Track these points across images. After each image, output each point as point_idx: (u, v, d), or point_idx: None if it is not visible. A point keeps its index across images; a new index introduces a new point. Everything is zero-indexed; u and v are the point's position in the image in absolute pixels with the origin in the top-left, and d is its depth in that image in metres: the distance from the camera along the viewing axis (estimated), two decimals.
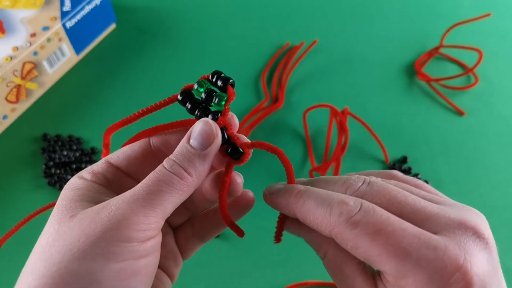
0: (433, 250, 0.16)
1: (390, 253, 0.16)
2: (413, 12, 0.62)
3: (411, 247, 0.16)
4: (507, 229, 0.43)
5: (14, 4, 0.51)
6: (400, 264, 0.16)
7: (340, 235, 0.18)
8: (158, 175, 0.19)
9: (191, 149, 0.20)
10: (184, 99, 0.22)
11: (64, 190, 0.21)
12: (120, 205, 0.18)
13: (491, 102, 0.53)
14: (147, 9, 0.61)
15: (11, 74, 0.46)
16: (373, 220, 0.17)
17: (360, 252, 0.17)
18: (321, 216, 0.19)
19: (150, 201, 0.18)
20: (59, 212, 0.19)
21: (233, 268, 0.40)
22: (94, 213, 0.18)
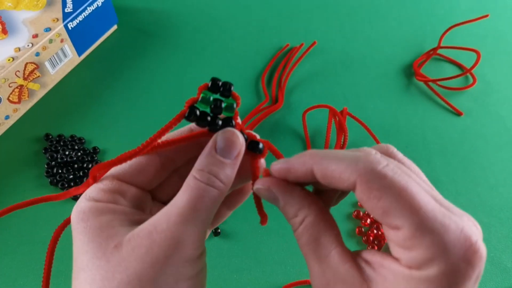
0: (454, 222, 0.16)
1: (414, 210, 0.16)
2: (411, 13, 0.63)
3: (434, 211, 0.16)
4: (504, 228, 0.43)
5: (16, 5, 0.52)
6: (421, 224, 0.16)
7: (366, 183, 0.17)
8: (197, 190, 0.19)
9: (222, 158, 0.20)
10: (193, 116, 0.21)
11: (82, 219, 0.19)
12: (173, 227, 0.18)
13: (488, 103, 0.53)
14: (148, 10, 0.61)
15: (13, 75, 0.47)
16: (402, 178, 0.17)
17: (382, 204, 0.17)
18: (347, 164, 0.18)
19: (198, 219, 0.19)
20: (94, 244, 0.18)
21: (233, 266, 0.40)
22: (145, 239, 0.18)
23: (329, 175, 0.18)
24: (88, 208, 0.20)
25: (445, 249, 0.16)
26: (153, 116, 0.51)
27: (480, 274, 0.16)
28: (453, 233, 0.16)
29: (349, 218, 0.43)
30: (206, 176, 0.20)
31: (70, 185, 0.44)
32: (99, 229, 0.19)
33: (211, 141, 0.21)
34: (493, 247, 0.42)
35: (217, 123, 0.21)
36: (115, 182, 0.21)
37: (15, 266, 0.40)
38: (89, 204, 0.20)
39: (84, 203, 0.20)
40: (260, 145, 0.21)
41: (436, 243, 0.16)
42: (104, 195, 0.20)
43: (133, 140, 0.49)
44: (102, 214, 0.19)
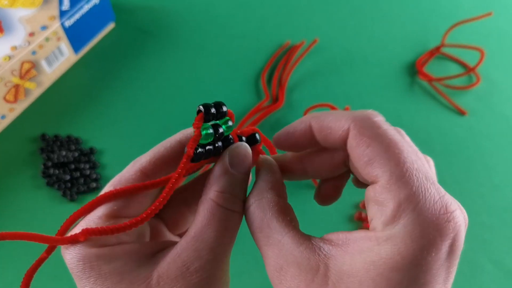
0: (436, 188, 0.16)
1: (398, 161, 0.16)
2: (414, 11, 0.62)
3: (418, 170, 0.16)
4: (508, 229, 0.43)
5: (12, 3, 0.51)
6: (401, 175, 0.15)
7: (359, 128, 0.17)
8: (224, 221, 0.18)
9: (238, 174, 0.20)
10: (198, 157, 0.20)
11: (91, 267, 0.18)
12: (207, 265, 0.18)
13: (492, 102, 0.52)
14: (146, 8, 0.61)
15: (9, 74, 0.46)
16: (395, 133, 0.17)
17: (369, 151, 0.17)
18: (343, 114, 0.18)
19: (228, 249, 0.19)
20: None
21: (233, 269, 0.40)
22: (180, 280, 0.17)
23: (325, 125, 0.19)
24: (94, 254, 0.18)
25: (416, 208, 0.15)
26: (151, 116, 0.50)
27: (455, 250, 0.15)
28: (429, 195, 0.15)
29: (351, 220, 0.43)
30: (230, 200, 0.19)
31: (67, 186, 0.44)
32: (119, 275, 0.17)
33: (223, 158, 0.20)
34: (496, 249, 0.41)
35: (220, 147, 0.21)
36: (112, 222, 0.19)
37: (10, 268, 0.39)
38: (92, 250, 0.18)
39: (85, 250, 0.18)
40: (257, 136, 0.22)
41: (409, 200, 0.15)
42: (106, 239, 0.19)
43: (131, 140, 0.48)
44: (113, 259, 0.17)
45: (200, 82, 0.53)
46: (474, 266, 0.40)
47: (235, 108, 0.51)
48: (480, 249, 0.41)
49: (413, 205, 0.15)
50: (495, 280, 0.40)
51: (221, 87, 0.53)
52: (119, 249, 0.18)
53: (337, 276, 0.15)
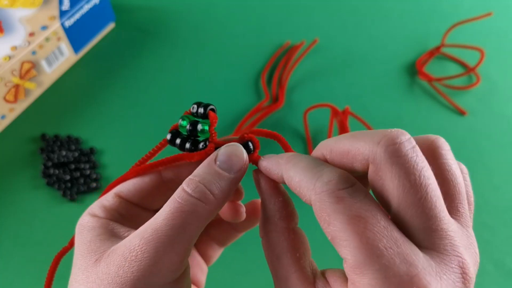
0: (407, 266, 0.14)
1: (360, 244, 0.14)
2: (414, 11, 0.62)
3: (385, 250, 0.14)
4: (508, 230, 0.43)
5: (12, 3, 0.51)
6: (365, 260, 0.14)
7: (320, 203, 0.16)
8: (180, 204, 0.18)
9: (220, 170, 0.19)
10: (173, 138, 0.22)
11: (79, 232, 0.20)
12: (145, 247, 0.17)
13: (493, 102, 0.52)
14: (146, 8, 0.61)
15: (9, 74, 0.46)
16: (359, 205, 0.15)
17: (331, 230, 0.15)
18: (307, 179, 0.17)
19: (176, 238, 0.17)
20: (82, 257, 0.19)
21: (236, 268, 0.40)
22: (119, 256, 0.17)
23: (293, 186, 0.17)
24: (85, 222, 0.20)
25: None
26: (151, 116, 0.50)
27: None
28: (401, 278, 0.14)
29: None
30: (195, 186, 0.18)
31: (67, 185, 0.44)
32: (88, 242, 0.19)
33: (214, 153, 0.20)
34: (497, 249, 0.41)
35: (197, 144, 0.21)
36: (118, 200, 0.21)
37: (10, 268, 0.39)
38: (86, 218, 0.20)
39: (84, 217, 0.21)
40: (250, 145, 0.21)
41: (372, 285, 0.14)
42: (103, 212, 0.21)
43: (131, 140, 0.48)
44: (94, 228, 0.20)
45: (200, 82, 0.53)
46: None
47: (235, 108, 0.51)
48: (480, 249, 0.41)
49: None
50: (496, 280, 0.40)
51: (221, 87, 0.53)
52: (104, 222, 0.20)
53: None
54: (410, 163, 0.15)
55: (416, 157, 0.16)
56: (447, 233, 0.15)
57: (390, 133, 0.16)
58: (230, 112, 0.50)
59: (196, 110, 0.21)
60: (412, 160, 0.16)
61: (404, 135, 0.16)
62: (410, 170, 0.15)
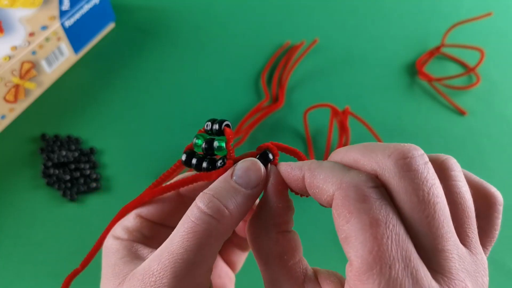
0: (413, 282, 0.14)
1: (372, 249, 0.14)
2: (414, 11, 0.62)
3: (399, 262, 0.14)
4: (508, 230, 0.43)
5: (12, 3, 0.51)
6: (375, 267, 0.14)
7: (343, 199, 0.15)
8: (193, 223, 0.17)
9: (236, 185, 0.18)
10: (188, 159, 0.21)
11: (105, 254, 0.21)
12: (163, 272, 0.16)
13: (493, 102, 0.52)
14: (146, 8, 0.61)
15: (9, 74, 0.46)
16: (383, 209, 0.15)
17: (348, 228, 0.15)
18: (333, 175, 0.16)
19: (192, 260, 0.16)
20: (107, 280, 0.19)
21: None
22: (139, 281, 0.17)
23: (314, 183, 0.17)
24: (109, 244, 0.21)
25: None
26: (151, 116, 0.50)
27: None
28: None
29: None
30: (208, 200, 0.17)
31: (67, 186, 0.44)
32: (113, 265, 0.19)
33: (230, 169, 0.19)
34: (497, 249, 0.41)
35: (214, 163, 0.20)
36: (139, 220, 0.21)
37: (10, 268, 0.39)
38: (110, 241, 0.21)
39: (108, 240, 0.21)
40: (269, 155, 0.20)
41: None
42: (125, 233, 0.21)
43: (131, 140, 0.48)
44: (118, 251, 0.20)
45: (200, 82, 0.53)
46: None
47: (235, 108, 0.51)
48: None
49: None
50: (496, 280, 0.40)
51: (221, 87, 0.53)
52: (127, 243, 0.20)
53: None
54: (419, 179, 0.15)
55: (427, 173, 0.15)
56: (452, 255, 0.15)
57: (402, 147, 0.16)
58: (230, 112, 0.50)
59: (211, 127, 0.21)
60: (422, 176, 0.15)
61: (417, 150, 0.16)
62: (419, 185, 0.15)
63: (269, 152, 0.20)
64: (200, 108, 0.51)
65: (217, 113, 0.50)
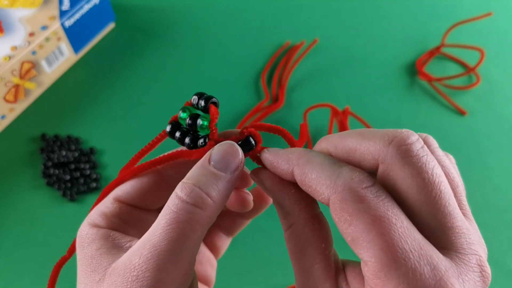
0: (431, 269, 0.14)
1: (386, 246, 0.14)
2: (414, 11, 0.62)
3: (411, 253, 0.14)
4: (509, 230, 0.43)
5: (12, 3, 0.51)
6: (390, 264, 0.14)
7: (340, 202, 0.15)
8: (175, 213, 0.16)
9: (215, 171, 0.17)
10: (172, 130, 0.20)
11: (79, 245, 0.19)
12: (145, 265, 0.16)
13: (493, 102, 0.52)
14: (146, 8, 0.61)
15: (9, 74, 0.46)
16: (382, 205, 0.15)
17: (352, 230, 0.15)
18: (326, 176, 0.16)
19: (176, 252, 0.16)
20: (85, 274, 0.18)
21: (234, 268, 0.40)
22: (121, 277, 0.16)
23: (306, 183, 0.16)
24: (85, 234, 0.19)
25: None
26: (151, 116, 0.50)
27: None
28: (423, 282, 0.14)
29: None
30: (189, 190, 0.17)
31: (67, 185, 0.44)
32: (90, 258, 0.18)
33: (207, 153, 0.18)
34: (497, 249, 0.41)
35: (196, 140, 0.20)
36: (115, 205, 0.20)
37: (10, 268, 0.39)
38: (86, 229, 0.19)
39: (84, 228, 0.20)
40: (252, 140, 0.19)
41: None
42: (102, 220, 0.20)
43: (131, 140, 0.48)
44: (95, 241, 0.19)
45: (200, 82, 0.53)
46: None
47: (235, 108, 0.51)
48: None
49: None
50: (496, 280, 0.40)
51: (221, 87, 0.53)
52: (104, 232, 0.19)
53: None
54: (422, 162, 0.15)
55: (427, 156, 0.16)
56: (462, 231, 0.15)
57: (401, 133, 0.16)
58: (230, 112, 0.50)
59: (197, 102, 0.20)
60: (424, 159, 0.15)
61: (414, 135, 0.16)
62: (423, 169, 0.15)
63: (252, 139, 0.19)
64: None
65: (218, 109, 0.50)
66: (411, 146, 0.16)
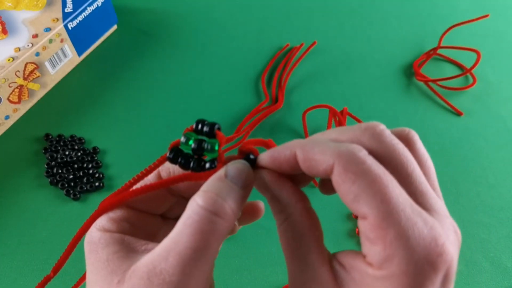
0: (422, 219, 0.16)
1: (383, 199, 0.16)
2: (411, 13, 0.63)
3: (405, 206, 0.16)
4: (504, 228, 0.43)
5: (16, 5, 0.52)
6: (390, 215, 0.15)
7: (345, 163, 0.17)
8: (198, 223, 0.17)
9: (232, 184, 0.19)
10: (175, 156, 0.21)
11: (92, 250, 0.19)
12: (172, 271, 0.17)
13: (488, 103, 0.53)
14: (148, 10, 0.61)
15: (13, 75, 0.46)
16: (379, 168, 0.17)
17: (356, 187, 0.16)
18: (328, 147, 0.17)
19: (200, 259, 0.17)
20: (102, 278, 0.18)
21: (233, 266, 0.40)
22: (144, 279, 0.17)
23: (310, 157, 0.18)
24: (97, 238, 0.19)
25: (407, 246, 0.15)
26: (153, 116, 0.51)
27: (448, 279, 0.16)
28: (418, 229, 0.15)
29: (349, 218, 0.43)
30: (212, 200, 0.18)
31: (70, 185, 0.44)
32: (106, 261, 0.18)
33: (220, 170, 0.20)
34: (493, 247, 0.42)
35: (201, 164, 0.20)
36: (124, 210, 0.21)
37: (14, 266, 0.40)
38: (98, 234, 0.20)
39: (95, 233, 0.20)
40: (251, 156, 0.21)
41: (399, 238, 0.15)
42: (113, 225, 0.20)
43: (133, 140, 0.49)
44: (109, 245, 0.19)
45: (201, 83, 0.54)
46: (471, 264, 0.41)
47: (235, 109, 0.51)
48: (477, 247, 0.42)
49: (403, 242, 0.15)
50: (492, 278, 0.40)
51: (222, 88, 0.53)
52: (117, 236, 0.19)
53: None
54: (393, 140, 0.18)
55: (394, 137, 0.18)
56: (435, 197, 0.18)
57: (372, 123, 0.18)
58: (231, 112, 0.51)
59: (201, 129, 0.21)
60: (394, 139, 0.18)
61: (381, 124, 0.18)
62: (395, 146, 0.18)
63: (252, 155, 0.21)
64: (201, 109, 0.51)
65: (218, 113, 0.51)
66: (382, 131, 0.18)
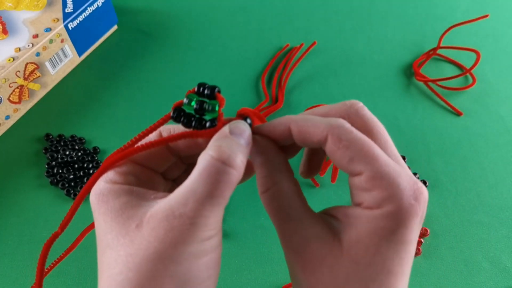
0: (404, 170, 0.20)
1: (375, 157, 0.19)
2: (411, 13, 0.63)
3: (388, 160, 0.19)
4: (504, 228, 0.44)
5: (16, 5, 0.52)
6: (381, 168, 0.19)
7: (337, 135, 0.20)
8: (215, 174, 0.19)
9: (238, 140, 0.20)
10: (178, 115, 0.23)
11: (103, 201, 0.20)
12: (190, 213, 0.18)
13: (488, 103, 0.53)
14: (148, 11, 0.62)
15: (13, 75, 0.47)
16: (364, 137, 0.20)
17: (351, 151, 0.19)
18: (321, 120, 0.20)
19: (215, 204, 0.19)
20: (115, 224, 0.19)
21: (233, 266, 0.41)
22: (164, 221, 0.18)
23: (305, 129, 0.21)
24: (108, 190, 0.20)
25: (399, 189, 0.19)
26: (153, 116, 0.51)
27: (423, 214, 0.19)
28: (404, 177, 0.19)
29: None
30: (226, 153, 0.19)
31: (71, 185, 0.44)
32: (120, 209, 0.20)
33: (224, 127, 0.21)
34: (492, 247, 0.42)
35: (202, 123, 0.22)
36: (129, 165, 0.22)
37: (15, 266, 0.40)
38: (107, 186, 0.21)
39: (103, 185, 0.21)
40: (248, 121, 0.23)
41: (392, 184, 0.19)
42: (120, 177, 0.21)
43: None
44: (121, 195, 0.20)
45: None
46: (470, 264, 0.41)
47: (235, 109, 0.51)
48: (476, 247, 0.42)
49: (396, 185, 0.19)
50: (492, 277, 0.41)
51: (222, 88, 0.53)
52: (127, 188, 0.21)
53: (348, 245, 0.19)
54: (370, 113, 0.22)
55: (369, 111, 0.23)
56: (400, 156, 0.21)
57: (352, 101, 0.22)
58: (231, 113, 0.51)
59: (203, 91, 0.23)
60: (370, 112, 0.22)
61: (359, 102, 0.22)
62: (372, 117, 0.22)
63: (249, 118, 0.23)
64: None
65: None
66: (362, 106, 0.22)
